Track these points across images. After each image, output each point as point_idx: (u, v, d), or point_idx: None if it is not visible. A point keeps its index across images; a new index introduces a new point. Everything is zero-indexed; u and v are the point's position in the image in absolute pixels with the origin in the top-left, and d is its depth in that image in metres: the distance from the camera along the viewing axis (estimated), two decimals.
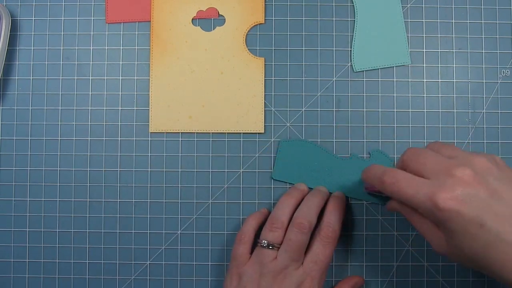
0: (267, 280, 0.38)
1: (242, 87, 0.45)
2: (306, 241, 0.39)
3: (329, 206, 0.42)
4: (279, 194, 0.44)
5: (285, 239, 0.39)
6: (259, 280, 0.38)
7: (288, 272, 0.38)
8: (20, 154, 0.45)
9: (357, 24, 0.45)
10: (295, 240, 0.39)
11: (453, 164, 0.33)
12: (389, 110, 0.45)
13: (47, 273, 0.44)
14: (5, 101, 0.45)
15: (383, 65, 0.45)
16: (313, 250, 0.39)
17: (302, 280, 0.38)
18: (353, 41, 0.45)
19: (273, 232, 0.40)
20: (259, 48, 0.46)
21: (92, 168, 0.45)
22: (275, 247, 0.39)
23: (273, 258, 0.39)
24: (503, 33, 0.46)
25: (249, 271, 0.39)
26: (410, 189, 0.33)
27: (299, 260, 0.39)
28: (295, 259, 0.39)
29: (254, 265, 0.39)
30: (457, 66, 0.45)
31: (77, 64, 0.46)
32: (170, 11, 0.45)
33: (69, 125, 0.45)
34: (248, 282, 0.39)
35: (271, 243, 0.39)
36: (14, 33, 0.45)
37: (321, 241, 0.40)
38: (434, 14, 0.46)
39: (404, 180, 0.34)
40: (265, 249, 0.39)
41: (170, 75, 0.45)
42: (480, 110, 0.45)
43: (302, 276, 0.39)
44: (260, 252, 0.39)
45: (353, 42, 0.45)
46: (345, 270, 0.44)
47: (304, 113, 0.45)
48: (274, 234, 0.40)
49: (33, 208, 0.45)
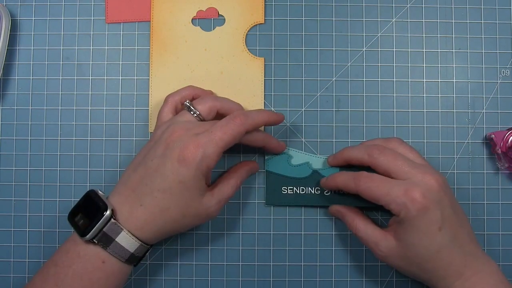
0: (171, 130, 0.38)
1: (242, 87, 0.45)
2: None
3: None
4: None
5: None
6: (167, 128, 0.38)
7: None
8: (20, 154, 0.45)
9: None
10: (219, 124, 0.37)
11: (427, 170, 0.37)
12: (389, 110, 0.45)
13: None
14: (5, 101, 0.45)
15: None
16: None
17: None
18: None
19: (203, 105, 0.39)
20: (259, 48, 0.46)
21: (92, 168, 0.45)
22: (196, 114, 0.39)
23: (187, 119, 0.39)
24: (503, 33, 0.46)
25: (161, 125, 0.39)
26: (384, 188, 0.37)
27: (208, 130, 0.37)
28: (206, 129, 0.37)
29: (168, 121, 0.40)
30: (457, 66, 0.45)
31: (77, 64, 0.46)
32: (170, 11, 0.45)
33: (69, 125, 0.45)
34: (155, 134, 0.39)
35: (193, 107, 0.39)
36: (14, 33, 0.45)
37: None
38: (434, 14, 0.46)
39: (379, 180, 0.38)
40: (185, 111, 0.40)
41: (170, 75, 0.45)
42: (480, 110, 0.45)
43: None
44: (181, 112, 0.40)
45: None
46: (345, 270, 0.44)
47: (304, 113, 0.45)
48: (203, 105, 0.39)
49: (33, 208, 0.45)
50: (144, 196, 0.37)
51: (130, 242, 0.36)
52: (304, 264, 0.44)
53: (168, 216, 0.37)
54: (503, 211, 0.45)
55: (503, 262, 0.44)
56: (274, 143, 0.43)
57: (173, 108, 0.41)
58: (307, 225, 0.45)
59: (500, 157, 0.43)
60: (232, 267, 0.44)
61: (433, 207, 0.36)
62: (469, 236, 0.38)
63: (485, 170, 0.45)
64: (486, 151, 0.45)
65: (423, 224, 0.36)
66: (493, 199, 0.45)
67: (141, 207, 0.37)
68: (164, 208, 0.37)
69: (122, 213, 0.37)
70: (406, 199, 0.36)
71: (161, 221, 0.37)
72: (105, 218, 0.36)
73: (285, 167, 0.44)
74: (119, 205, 0.37)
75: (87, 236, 0.36)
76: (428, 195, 0.36)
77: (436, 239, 0.36)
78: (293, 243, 0.44)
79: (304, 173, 0.44)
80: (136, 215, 0.37)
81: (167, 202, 0.37)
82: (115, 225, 0.36)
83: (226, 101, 0.41)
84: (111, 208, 0.36)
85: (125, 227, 0.36)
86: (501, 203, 0.45)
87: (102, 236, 0.36)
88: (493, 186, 0.45)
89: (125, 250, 0.36)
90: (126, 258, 0.37)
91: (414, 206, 0.36)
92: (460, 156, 0.45)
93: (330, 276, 0.44)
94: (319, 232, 0.45)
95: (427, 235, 0.36)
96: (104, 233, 0.36)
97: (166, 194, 0.36)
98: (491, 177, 0.45)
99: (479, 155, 0.45)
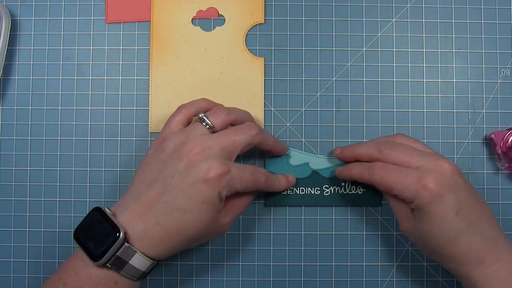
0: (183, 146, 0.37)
1: (242, 87, 0.45)
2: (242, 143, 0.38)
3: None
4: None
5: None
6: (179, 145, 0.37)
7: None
8: (20, 154, 0.45)
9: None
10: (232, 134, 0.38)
11: (438, 157, 0.37)
12: (389, 110, 0.45)
13: (47, 273, 0.44)
14: (5, 101, 0.45)
15: None
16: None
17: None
18: None
19: (216, 118, 0.39)
20: (259, 48, 0.46)
21: (92, 168, 0.45)
22: (210, 126, 0.38)
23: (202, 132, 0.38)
24: (503, 33, 0.46)
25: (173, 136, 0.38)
26: (398, 177, 0.36)
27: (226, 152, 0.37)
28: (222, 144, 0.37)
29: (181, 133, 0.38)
30: (457, 66, 0.45)
31: (77, 64, 0.46)
32: (170, 11, 0.45)
33: (69, 125, 0.45)
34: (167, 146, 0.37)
35: (208, 119, 0.38)
36: (14, 33, 0.45)
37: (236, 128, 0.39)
38: (434, 14, 0.46)
39: (393, 169, 0.37)
40: (198, 123, 0.39)
41: (170, 75, 0.45)
42: (480, 110, 0.45)
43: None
44: (193, 124, 0.39)
45: None
46: (345, 270, 0.44)
47: (304, 113, 0.45)
48: (216, 118, 0.39)
49: (33, 208, 0.45)
50: (162, 215, 0.35)
51: (143, 262, 0.35)
52: (304, 264, 0.44)
53: (185, 236, 0.36)
54: (503, 211, 0.45)
55: None
56: (279, 147, 0.43)
57: (186, 119, 0.40)
58: (307, 225, 0.45)
59: (500, 157, 0.43)
60: (232, 267, 0.44)
61: (447, 192, 0.35)
62: (489, 221, 0.37)
63: (485, 170, 0.45)
64: (486, 151, 0.45)
65: (439, 211, 0.35)
66: (493, 199, 0.45)
67: (157, 226, 0.35)
68: (182, 228, 0.35)
69: (135, 233, 0.35)
70: (419, 186, 0.35)
71: (177, 240, 0.36)
72: (119, 241, 0.34)
73: (284, 167, 0.44)
74: (131, 224, 0.35)
75: (100, 261, 0.34)
76: (442, 181, 0.35)
77: (453, 225, 0.35)
78: (293, 243, 0.44)
79: (304, 173, 0.44)
80: (152, 234, 0.35)
81: (186, 222, 0.35)
82: (129, 248, 0.34)
83: (238, 113, 0.41)
84: (123, 230, 0.34)
85: (138, 248, 0.35)
86: (501, 203, 0.45)
87: (115, 260, 0.34)
88: (493, 186, 0.45)
89: (138, 270, 0.35)
90: (138, 277, 0.36)
91: (427, 193, 0.35)
92: (460, 156, 0.45)
93: (330, 276, 0.44)
94: (319, 232, 0.45)
95: (443, 221, 0.35)
96: (118, 257, 0.34)
97: (187, 214, 0.35)
98: (491, 177, 0.45)
99: (479, 155, 0.45)
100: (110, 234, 0.34)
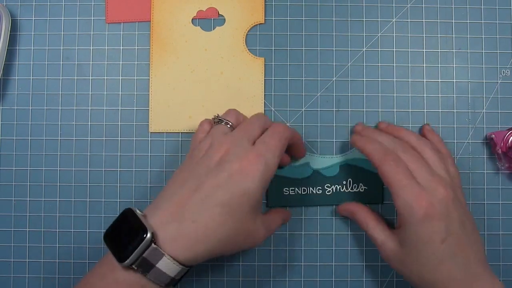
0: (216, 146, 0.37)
1: (242, 87, 0.45)
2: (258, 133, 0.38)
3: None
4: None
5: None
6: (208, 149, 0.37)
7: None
8: (20, 154, 0.45)
9: None
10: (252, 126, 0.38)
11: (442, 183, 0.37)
12: (389, 110, 0.45)
13: (47, 273, 0.44)
14: (5, 101, 0.45)
15: None
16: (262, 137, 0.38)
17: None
18: None
19: (231, 116, 0.40)
20: (259, 48, 0.46)
21: (92, 168, 0.45)
22: (228, 123, 0.39)
23: (225, 131, 0.38)
24: (503, 33, 0.46)
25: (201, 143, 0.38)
26: (402, 181, 0.36)
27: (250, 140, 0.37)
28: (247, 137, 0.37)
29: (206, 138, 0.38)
30: (457, 66, 0.45)
31: (77, 64, 0.46)
32: (170, 11, 0.45)
33: (69, 125, 0.45)
34: (197, 154, 0.37)
35: (225, 119, 0.39)
36: (14, 33, 0.45)
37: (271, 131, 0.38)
38: (434, 14, 0.46)
39: (403, 171, 0.37)
40: (218, 124, 0.39)
41: (170, 75, 0.45)
42: (480, 110, 0.45)
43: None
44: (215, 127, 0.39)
45: None
46: (345, 270, 0.44)
47: (304, 113, 0.45)
48: (230, 117, 0.40)
49: (33, 208, 0.45)
50: (198, 211, 0.34)
51: (171, 267, 0.33)
52: (304, 264, 0.44)
53: (223, 232, 0.34)
54: (503, 211, 0.45)
55: (503, 262, 0.44)
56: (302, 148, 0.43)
57: (209, 129, 0.40)
58: (308, 225, 0.45)
59: (500, 157, 0.43)
60: (232, 267, 0.44)
61: (438, 217, 0.36)
62: (475, 256, 0.37)
63: (485, 170, 0.45)
64: (486, 151, 0.45)
65: (426, 232, 0.36)
66: (493, 199, 0.45)
67: (193, 223, 0.34)
68: (221, 223, 0.34)
69: (168, 233, 0.34)
70: (414, 201, 0.36)
71: (214, 238, 0.34)
72: (145, 242, 0.33)
73: (285, 168, 0.44)
74: (162, 225, 0.34)
75: (126, 262, 0.33)
76: (436, 205, 0.36)
77: (437, 251, 0.36)
78: (293, 243, 0.44)
79: (305, 173, 0.44)
80: (187, 233, 0.34)
81: (225, 217, 0.34)
82: (156, 250, 0.33)
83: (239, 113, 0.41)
84: (151, 231, 0.33)
85: (168, 249, 0.33)
86: (501, 203, 0.45)
87: (142, 262, 0.33)
88: (493, 186, 0.45)
89: (166, 275, 0.34)
90: (166, 283, 0.34)
91: (419, 210, 0.36)
92: (460, 156, 0.45)
93: (330, 276, 0.44)
94: (320, 232, 0.45)
95: (429, 244, 0.36)
96: (144, 259, 0.33)
97: (225, 208, 0.34)
98: (491, 177, 0.45)
99: (479, 155, 0.45)
100: (138, 235, 0.33)
